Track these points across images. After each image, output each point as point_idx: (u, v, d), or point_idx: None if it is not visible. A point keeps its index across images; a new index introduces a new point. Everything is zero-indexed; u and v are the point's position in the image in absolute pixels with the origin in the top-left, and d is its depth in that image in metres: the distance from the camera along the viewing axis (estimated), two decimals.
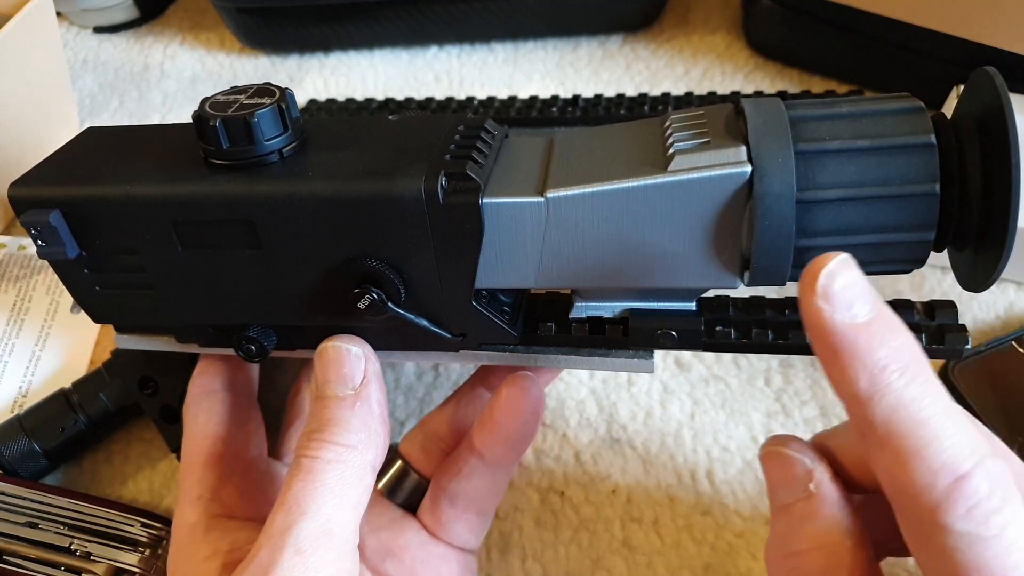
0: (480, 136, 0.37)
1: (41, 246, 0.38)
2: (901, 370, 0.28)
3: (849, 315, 0.28)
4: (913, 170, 0.32)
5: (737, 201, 0.33)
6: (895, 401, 0.27)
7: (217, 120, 0.35)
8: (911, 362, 0.28)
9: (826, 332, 0.28)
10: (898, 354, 0.28)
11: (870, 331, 0.28)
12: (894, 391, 0.27)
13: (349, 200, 0.35)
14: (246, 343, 0.41)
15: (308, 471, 0.35)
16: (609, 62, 0.75)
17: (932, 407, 0.28)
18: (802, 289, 0.29)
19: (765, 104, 0.34)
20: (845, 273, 0.29)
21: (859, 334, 0.28)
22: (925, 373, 0.28)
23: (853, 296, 0.28)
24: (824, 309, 0.28)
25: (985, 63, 0.56)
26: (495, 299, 0.40)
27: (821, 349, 0.29)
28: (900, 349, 0.28)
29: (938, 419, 0.27)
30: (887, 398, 0.27)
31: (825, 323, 0.28)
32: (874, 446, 0.28)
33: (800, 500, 0.33)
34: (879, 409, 0.28)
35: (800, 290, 0.29)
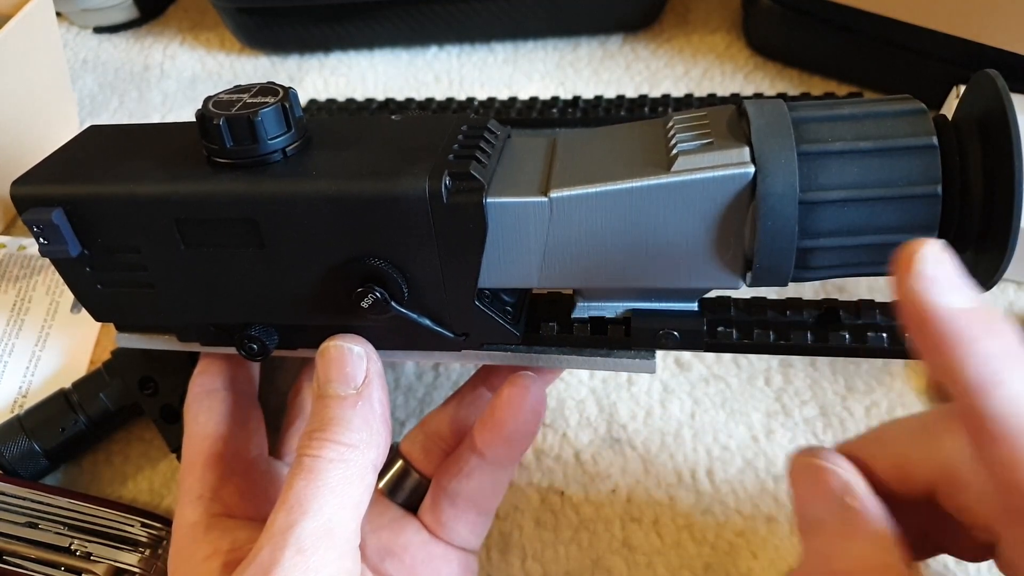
0: (483, 136, 0.37)
1: (43, 244, 0.38)
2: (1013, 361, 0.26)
3: (956, 299, 0.26)
4: (915, 171, 0.32)
5: (740, 202, 0.33)
6: (1010, 393, 0.25)
7: (221, 119, 0.35)
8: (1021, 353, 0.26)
9: (931, 317, 0.26)
10: (1007, 344, 0.26)
11: (978, 317, 0.26)
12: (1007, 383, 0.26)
13: (353, 199, 0.35)
14: (248, 342, 0.41)
15: (310, 470, 0.35)
16: (609, 62, 0.75)
17: None
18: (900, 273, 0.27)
19: (768, 105, 0.34)
20: (944, 257, 0.27)
21: (968, 320, 0.26)
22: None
23: (957, 281, 0.27)
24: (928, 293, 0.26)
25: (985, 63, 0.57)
26: (497, 299, 0.40)
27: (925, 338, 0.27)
28: (1009, 340, 0.26)
29: None
30: (1001, 390, 0.26)
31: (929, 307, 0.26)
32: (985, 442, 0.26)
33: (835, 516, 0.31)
34: (994, 402, 0.26)
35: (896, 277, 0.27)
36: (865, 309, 0.38)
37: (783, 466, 0.49)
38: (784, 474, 0.48)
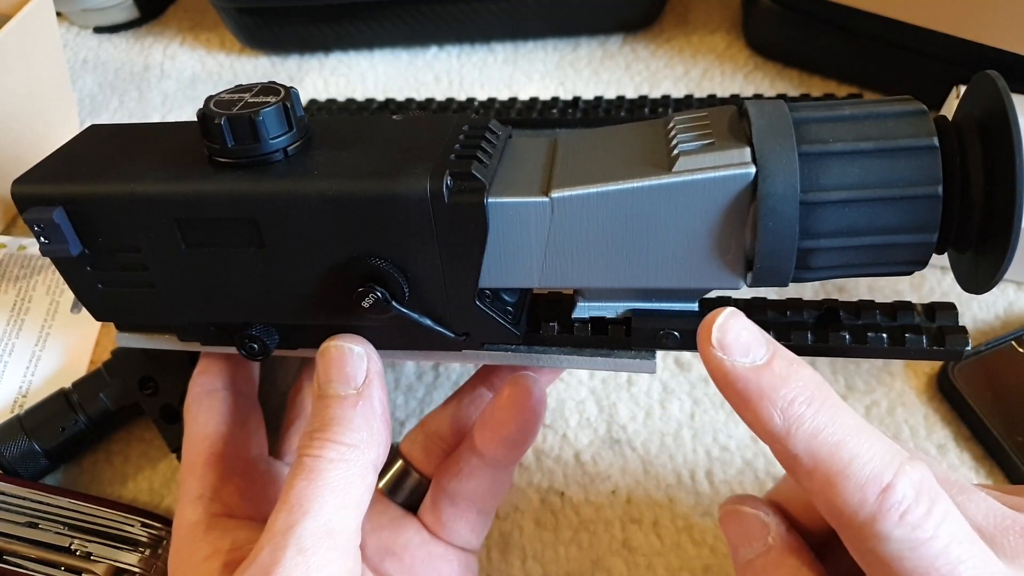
0: (484, 136, 0.37)
1: (44, 243, 0.38)
2: (808, 400, 0.29)
3: (748, 360, 0.30)
4: (916, 172, 0.32)
5: (741, 202, 0.33)
6: (810, 430, 0.29)
7: (222, 118, 0.35)
8: (816, 391, 0.30)
9: (731, 380, 0.30)
10: (802, 387, 0.30)
11: (771, 370, 0.30)
12: (806, 421, 0.29)
13: (354, 199, 0.35)
14: (249, 341, 0.41)
15: (310, 470, 0.35)
16: (609, 62, 0.75)
17: (844, 428, 0.29)
18: (700, 346, 0.31)
19: (769, 106, 0.34)
20: (735, 322, 0.31)
21: (762, 375, 0.30)
22: (831, 398, 0.30)
23: (747, 341, 0.30)
24: (724, 360, 0.30)
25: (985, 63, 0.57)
26: (498, 299, 0.40)
27: (731, 397, 0.31)
28: (803, 381, 0.30)
29: (852, 438, 0.29)
30: (802, 429, 0.29)
31: (728, 372, 0.30)
32: (803, 478, 0.30)
33: (761, 555, 0.34)
34: (797, 441, 0.29)
35: (699, 347, 0.31)
36: (865, 309, 0.39)
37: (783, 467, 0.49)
38: (781, 474, 0.49)
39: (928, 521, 0.28)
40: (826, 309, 0.39)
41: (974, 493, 0.32)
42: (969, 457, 0.48)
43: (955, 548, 0.28)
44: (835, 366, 0.52)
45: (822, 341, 0.38)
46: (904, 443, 0.47)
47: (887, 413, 0.50)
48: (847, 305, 0.39)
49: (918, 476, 0.28)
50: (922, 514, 0.28)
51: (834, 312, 0.39)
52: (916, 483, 0.28)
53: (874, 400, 0.51)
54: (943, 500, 0.28)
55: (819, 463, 0.29)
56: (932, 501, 0.28)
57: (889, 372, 0.52)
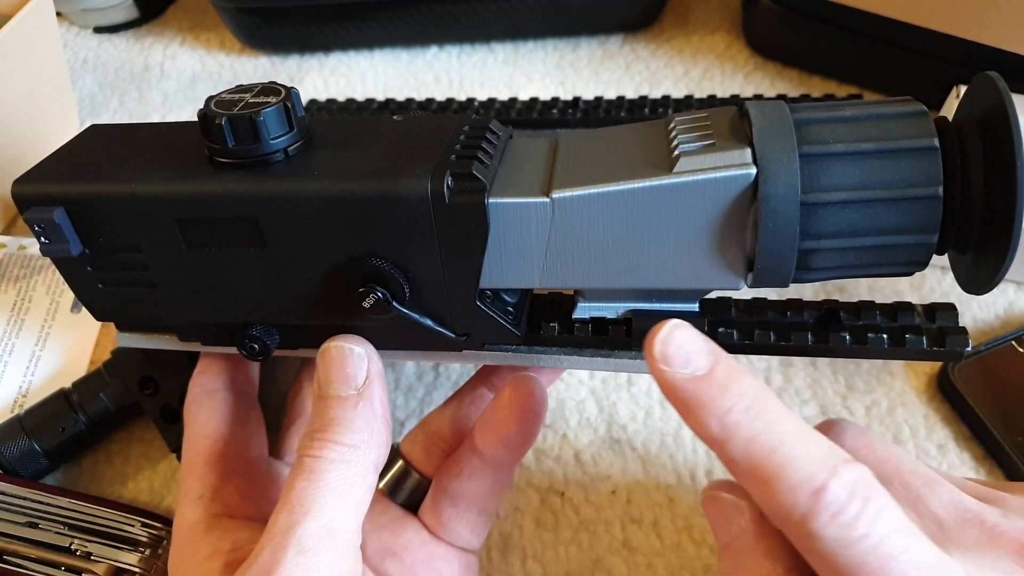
0: (485, 136, 0.37)
1: (44, 243, 0.38)
2: (746, 408, 0.30)
3: (689, 370, 0.31)
4: (916, 173, 0.32)
5: (742, 203, 0.33)
6: (746, 436, 0.30)
7: (223, 118, 0.35)
8: (754, 399, 0.31)
9: (673, 390, 0.31)
10: (740, 394, 0.31)
11: (711, 380, 0.31)
12: (743, 428, 0.30)
13: (355, 199, 0.35)
14: (249, 342, 0.41)
15: (311, 471, 0.35)
16: (609, 62, 0.75)
17: (780, 434, 0.30)
18: (647, 358, 0.32)
19: (769, 107, 0.34)
20: (677, 334, 0.32)
21: (701, 385, 0.31)
22: (770, 404, 0.31)
23: (689, 353, 0.31)
24: (666, 371, 0.31)
25: (985, 63, 0.57)
26: (499, 299, 0.40)
27: (676, 405, 0.32)
28: (742, 389, 0.31)
29: (788, 443, 0.30)
30: (738, 436, 0.30)
31: (669, 382, 0.31)
32: (743, 481, 0.31)
33: (736, 537, 0.34)
34: (734, 448, 0.30)
35: (646, 359, 0.32)
36: (865, 310, 0.39)
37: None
38: None
39: (860, 520, 0.29)
40: (826, 310, 0.39)
41: (940, 486, 0.34)
42: (969, 457, 0.48)
43: (888, 543, 0.28)
44: (835, 366, 0.52)
45: (822, 342, 0.38)
46: (904, 443, 0.47)
47: (887, 413, 0.50)
48: (847, 306, 0.39)
49: (852, 477, 0.29)
50: (854, 513, 0.29)
51: (834, 313, 0.39)
52: (849, 484, 0.29)
53: (874, 400, 0.51)
54: (877, 499, 0.29)
55: (755, 467, 0.30)
56: (866, 500, 0.29)
57: (889, 372, 0.52)
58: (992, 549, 0.31)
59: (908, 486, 0.34)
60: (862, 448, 0.36)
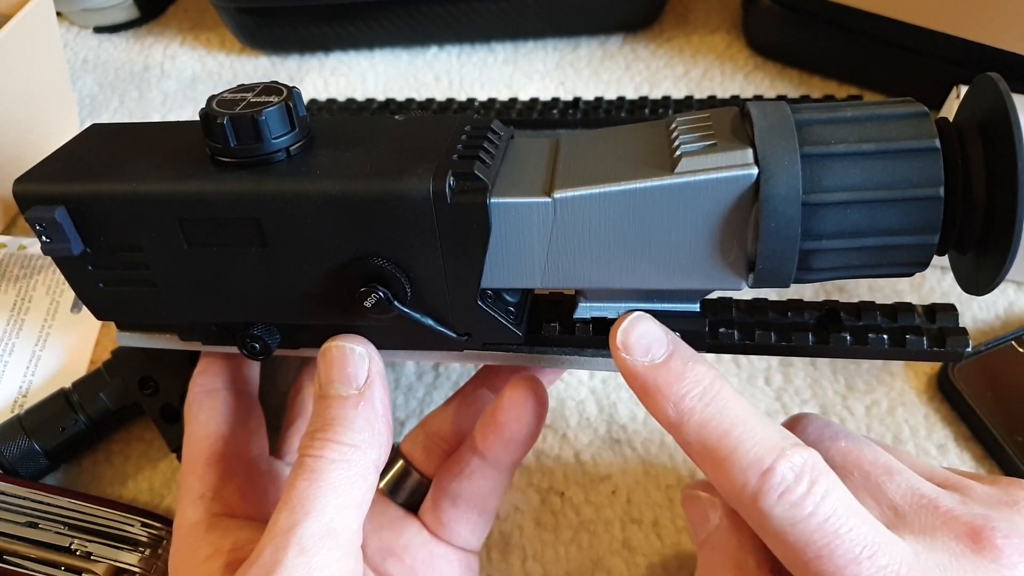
0: (487, 136, 0.37)
1: (45, 242, 0.38)
2: (700, 394, 0.33)
3: (648, 358, 0.34)
4: (918, 174, 0.32)
5: (743, 203, 0.33)
6: (699, 420, 0.32)
7: (225, 118, 0.35)
8: (708, 385, 0.33)
9: (633, 377, 0.34)
10: (695, 381, 0.33)
11: (667, 368, 0.34)
12: (696, 413, 0.33)
13: (357, 199, 0.35)
14: (250, 341, 0.41)
15: (312, 470, 0.35)
16: (609, 62, 0.75)
17: (732, 419, 0.32)
18: (611, 347, 0.35)
19: (771, 107, 0.34)
20: (638, 325, 0.35)
21: (658, 372, 0.34)
22: (723, 391, 0.33)
23: (648, 342, 0.34)
24: (627, 359, 0.34)
25: (985, 63, 0.57)
26: (500, 299, 0.40)
27: (636, 392, 0.34)
28: (697, 376, 0.33)
29: (739, 427, 0.32)
30: (692, 420, 0.33)
31: (630, 369, 0.34)
32: (698, 463, 0.34)
33: (711, 533, 0.36)
34: (688, 431, 0.33)
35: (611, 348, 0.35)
36: (866, 311, 0.39)
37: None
38: None
39: (807, 500, 0.30)
40: (827, 310, 0.39)
41: (898, 475, 0.35)
42: (969, 457, 0.48)
43: (833, 521, 0.30)
44: (835, 366, 0.52)
45: (823, 342, 0.38)
46: (904, 443, 0.47)
47: (887, 413, 0.50)
48: (848, 306, 0.39)
49: (800, 460, 0.31)
50: (801, 493, 0.30)
51: (835, 313, 0.39)
52: (797, 466, 0.31)
53: (874, 400, 0.51)
54: (825, 480, 0.31)
55: (708, 450, 0.32)
56: (812, 482, 0.31)
57: (889, 372, 0.52)
58: (944, 531, 0.32)
59: (867, 475, 0.35)
60: (825, 439, 0.38)
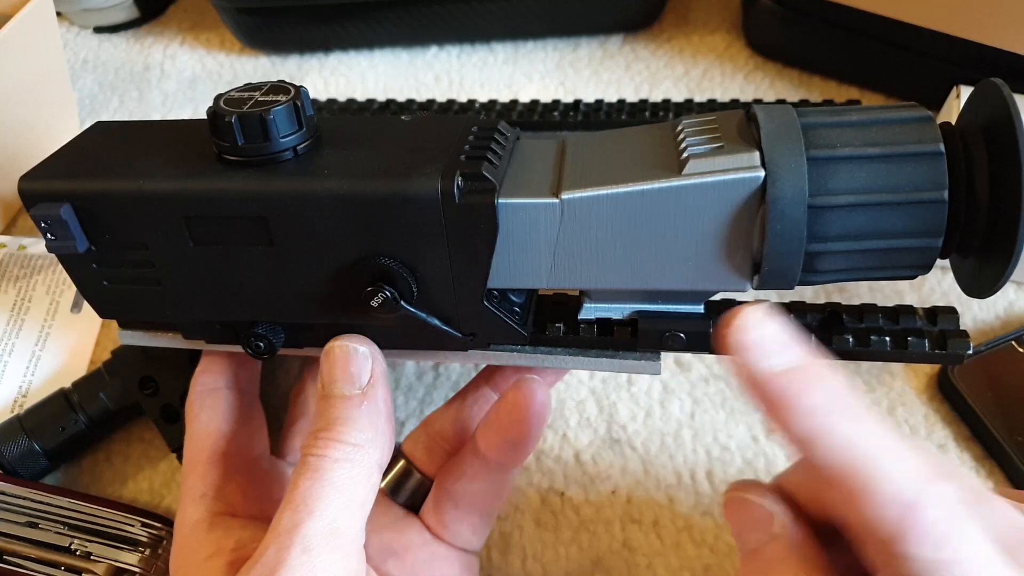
0: (494, 137, 0.38)
1: (50, 240, 0.38)
2: (836, 411, 0.28)
3: (776, 363, 0.29)
4: (922, 178, 0.33)
5: (750, 205, 0.33)
6: (833, 442, 0.28)
7: (233, 116, 0.35)
8: (844, 401, 0.29)
9: (754, 384, 0.29)
10: (831, 395, 0.29)
11: (800, 376, 0.29)
12: (830, 432, 0.28)
13: (365, 198, 0.35)
14: (255, 340, 0.41)
15: (315, 469, 0.35)
16: (609, 62, 0.75)
17: (870, 441, 0.28)
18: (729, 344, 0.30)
19: (777, 111, 0.34)
20: (767, 323, 0.30)
21: (790, 381, 0.29)
22: (859, 408, 0.29)
23: (778, 344, 0.29)
24: (752, 362, 0.29)
25: (985, 63, 0.57)
26: (506, 299, 0.40)
27: (755, 400, 0.30)
28: (832, 390, 0.29)
29: (878, 452, 0.28)
30: (825, 440, 0.28)
31: (754, 375, 0.29)
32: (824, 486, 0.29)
33: (766, 544, 0.33)
34: (820, 452, 0.28)
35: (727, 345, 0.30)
36: (868, 313, 0.39)
37: (783, 466, 0.49)
38: None
39: (950, 543, 0.26)
40: (829, 312, 0.39)
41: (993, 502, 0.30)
42: (969, 457, 0.48)
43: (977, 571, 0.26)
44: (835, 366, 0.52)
45: (825, 344, 0.38)
46: None
47: (887, 413, 0.50)
48: (850, 308, 0.39)
49: (942, 494, 0.27)
50: (945, 535, 0.27)
51: (837, 315, 0.39)
52: (944, 502, 0.27)
53: (874, 400, 0.51)
54: (970, 521, 0.27)
55: (840, 476, 0.28)
56: (955, 522, 0.27)
57: (889, 372, 0.52)
58: None
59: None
60: None
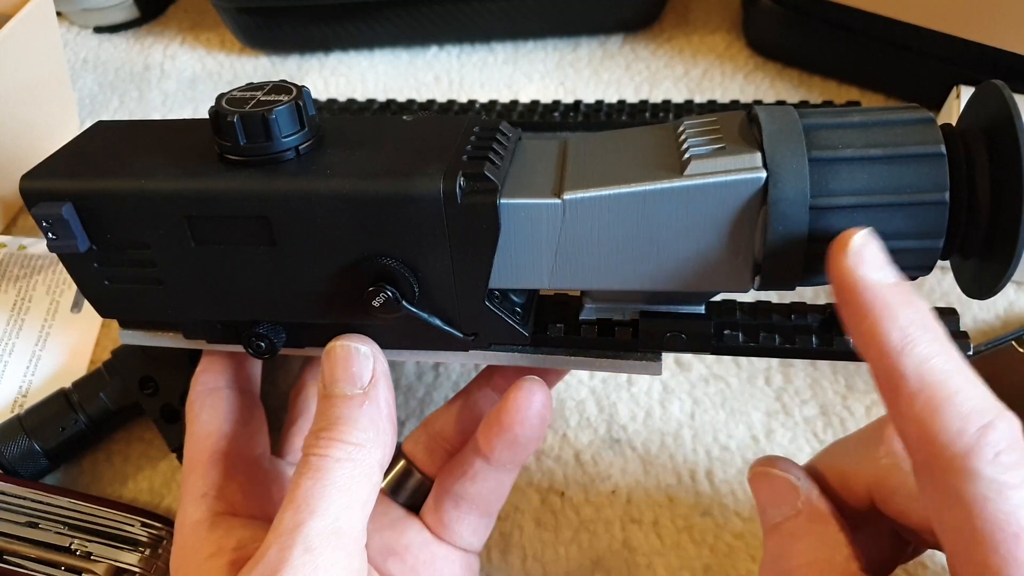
0: (496, 138, 0.38)
1: (51, 239, 0.38)
2: (926, 327, 0.30)
3: (881, 275, 0.31)
4: (923, 179, 0.33)
5: (752, 206, 0.33)
6: (925, 352, 0.29)
7: (235, 116, 0.35)
8: (932, 323, 0.30)
9: (860, 289, 0.31)
10: (922, 314, 0.30)
11: (899, 290, 0.30)
12: (922, 344, 0.29)
13: (367, 199, 0.35)
14: (256, 339, 0.41)
15: (317, 469, 0.35)
16: (609, 62, 0.75)
17: (955, 362, 0.29)
18: (835, 252, 0.31)
19: (778, 112, 0.34)
20: (875, 241, 0.31)
21: (890, 292, 0.30)
22: (945, 335, 0.30)
23: (883, 260, 0.31)
24: (859, 268, 0.31)
25: (985, 63, 0.57)
26: (507, 299, 0.40)
27: (853, 307, 0.31)
28: (923, 310, 0.30)
29: (961, 373, 0.29)
30: (917, 349, 0.29)
31: (859, 280, 0.31)
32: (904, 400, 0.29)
33: (789, 518, 0.34)
34: (911, 360, 0.29)
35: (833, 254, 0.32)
36: None
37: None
38: None
39: (1018, 470, 0.27)
40: (830, 313, 0.39)
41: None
42: None
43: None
44: (835, 366, 0.53)
45: (826, 345, 0.38)
46: None
47: None
48: None
49: (1016, 425, 0.28)
50: (1015, 461, 0.27)
51: (838, 316, 0.39)
52: (1014, 430, 0.28)
53: (874, 400, 0.51)
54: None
55: (926, 386, 0.29)
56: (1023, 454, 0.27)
57: None
58: None
59: None
60: None
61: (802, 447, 0.50)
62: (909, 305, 0.30)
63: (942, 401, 0.28)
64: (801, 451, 0.49)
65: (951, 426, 0.28)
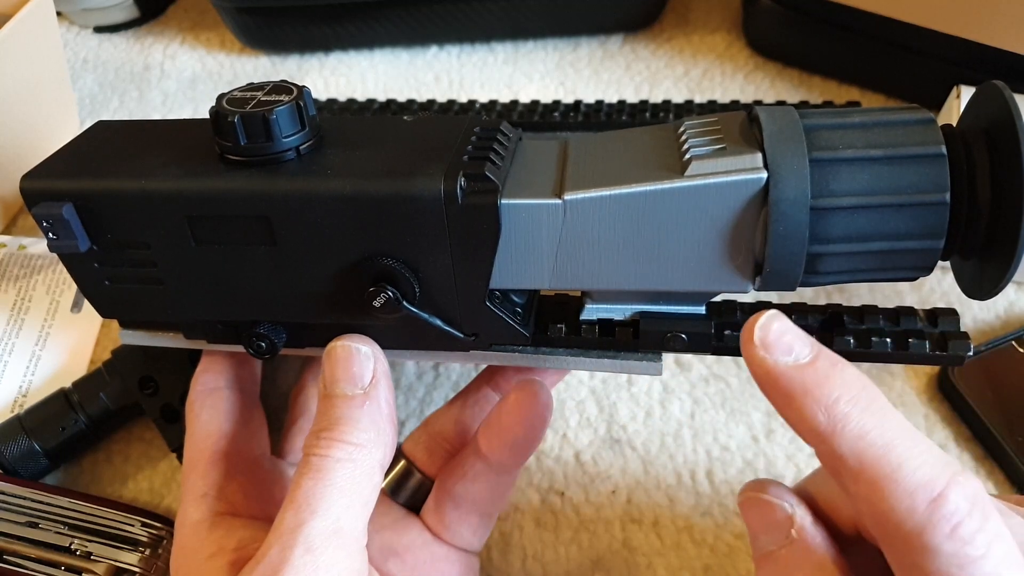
0: (496, 138, 0.38)
1: (52, 239, 0.38)
2: (854, 400, 0.29)
3: (791, 358, 0.30)
4: (924, 179, 0.33)
5: (752, 207, 0.33)
6: (857, 429, 0.28)
7: (235, 116, 0.35)
8: (861, 391, 0.29)
9: (774, 378, 0.30)
10: (847, 385, 0.29)
11: (815, 368, 0.30)
12: (853, 420, 0.28)
13: (368, 199, 0.35)
14: (256, 340, 0.41)
15: (318, 469, 0.35)
16: (609, 62, 0.75)
17: (893, 430, 0.28)
18: (744, 347, 0.31)
19: (779, 112, 0.34)
20: (777, 322, 0.31)
21: (805, 373, 0.29)
22: (878, 399, 0.29)
23: (790, 340, 0.30)
24: (767, 358, 0.30)
25: (985, 63, 0.57)
26: (507, 299, 0.40)
27: (775, 396, 0.30)
28: (848, 380, 0.29)
29: (902, 441, 0.28)
30: (848, 428, 0.28)
31: (771, 370, 0.30)
32: (848, 480, 0.29)
33: (784, 547, 0.32)
34: (843, 440, 0.28)
35: (743, 349, 0.31)
36: (869, 315, 0.39)
37: (783, 467, 0.49)
38: (783, 475, 0.49)
39: (979, 538, 0.26)
40: (830, 314, 0.39)
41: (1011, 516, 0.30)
42: (969, 457, 0.48)
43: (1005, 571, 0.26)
44: None
45: (827, 345, 0.38)
46: None
47: None
48: (851, 310, 0.39)
49: (971, 489, 0.27)
50: (974, 529, 0.26)
51: (838, 317, 0.39)
52: (970, 496, 0.27)
53: None
54: (995, 517, 0.27)
55: (866, 465, 0.28)
56: (984, 517, 0.27)
57: (889, 372, 0.52)
58: None
59: None
60: None
61: (802, 447, 0.50)
62: (828, 381, 0.29)
63: (884, 479, 0.27)
64: (801, 451, 0.49)
65: (899, 504, 0.27)
